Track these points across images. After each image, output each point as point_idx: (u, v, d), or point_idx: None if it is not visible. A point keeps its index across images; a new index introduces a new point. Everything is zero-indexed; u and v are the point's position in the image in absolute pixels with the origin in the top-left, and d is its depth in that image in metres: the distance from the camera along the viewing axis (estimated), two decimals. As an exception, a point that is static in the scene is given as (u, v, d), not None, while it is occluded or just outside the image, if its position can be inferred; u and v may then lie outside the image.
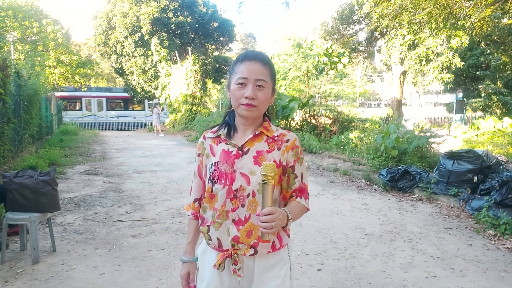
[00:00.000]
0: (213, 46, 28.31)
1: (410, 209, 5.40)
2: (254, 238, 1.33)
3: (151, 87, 25.30)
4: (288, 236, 1.45)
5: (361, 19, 22.96)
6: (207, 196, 1.40)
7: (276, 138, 1.41)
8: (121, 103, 29.62)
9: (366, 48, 25.10)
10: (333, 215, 5.07)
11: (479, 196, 5.15)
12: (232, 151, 1.37)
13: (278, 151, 1.38)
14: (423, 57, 16.52)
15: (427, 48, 14.63)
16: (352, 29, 24.62)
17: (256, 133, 1.39)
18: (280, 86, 14.80)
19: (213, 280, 1.39)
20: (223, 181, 1.34)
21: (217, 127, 1.46)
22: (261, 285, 1.37)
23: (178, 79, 20.05)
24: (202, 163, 1.46)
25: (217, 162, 1.37)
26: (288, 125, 13.57)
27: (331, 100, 15.38)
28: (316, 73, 14.58)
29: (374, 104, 50.41)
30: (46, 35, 24.29)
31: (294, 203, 1.41)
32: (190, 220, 1.53)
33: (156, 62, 23.25)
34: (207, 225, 1.41)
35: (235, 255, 1.33)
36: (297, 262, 3.51)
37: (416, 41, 14.06)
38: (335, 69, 16.78)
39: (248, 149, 1.37)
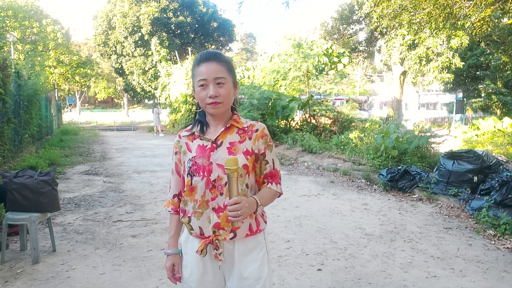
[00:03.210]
0: (213, 46, 28.33)
1: (410, 209, 5.40)
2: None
3: (151, 87, 25.30)
4: (265, 222, 1.55)
5: (361, 19, 22.97)
6: (187, 189, 1.49)
7: (246, 128, 1.51)
8: None
9: (366, 48, 25.11)
10: (333, 215, 5.07)
11: (479, 196, 5.15)
12: (207, 145, 1.47)
13: (250, 141, 1.48)
14: (423, 57, 16.53)
15: (427, 48, 14.64)
16: (352, 29, 24.64)
17: (227, 126, 1.49)
18: (280, 86, 14.79)
19: (196, 266, 1.50)
20: (201, 173, 1.44)
21: (190, 126, 1.57)
22: (242, 268, 1.47)
23: (178, 79, 20.02)
24: (180, 160, 1.56)
25: (194, 156, 1.47)
26: (288, 125, 13.57)
27: (331, 101, 15.39)
28: (316, 73, 14.58)
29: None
30: (46, 35, 24.30)
31: (265, 189, 1.51)
32: (171, 216, 1.62)
33: (156, 62, 23.24)
34: (188, 216, 1.49)
35: (216, 241, 1.43)
36: (297, 262, 3.51)
37: (416, 41, 14.06)
38: (335, 69, 16.79)
39: (222, 142, 1.47)
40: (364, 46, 24.84)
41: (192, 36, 27.06)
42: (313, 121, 13.51)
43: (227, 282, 1.51)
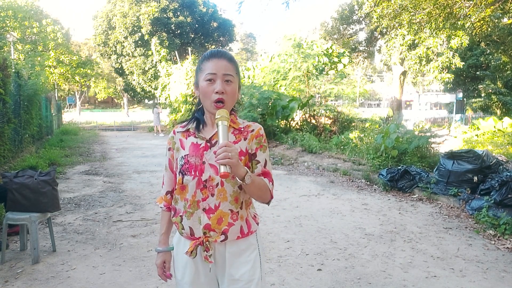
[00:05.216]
0: (213, 46, 28.34)
1: (410, 209, 5.40)
2: (224, 225, 1.40)
3: (151, 87, 25.30)
4: (257, 223, 1.53)
5: (361, 19, 22.96)
6: (178, 187, 1.46)
7: (242, 129, 1.48)
8: None
9: (366, 48, 25.09)
10: (333, 215, 5.07)
11: (479, 196, 5.15)
12: (200, 144, 1.44)
13: (245, 141, 1.46)
14: (423, 57, 16.52)
15: (427, 48, 14.61)
16: (352, 29, 24.62)
17: None
18: (280, 86, 14.78)
19: (188, 268, 1.47)
20: (193, 173, 1.41)
21: (186, 122, 1.54)
22: (233, 270, 1.44)
23: (178, 79, 20.02)
24: (173, 156, 1.53)
25: (187, 154, 1.44)
26: (288, 125, 13.57)
27: (331, 100, 15.36)
28: (316, 73, 14.56)
29: (374, 104, 50.44)
30: (46, 35, 24.29)
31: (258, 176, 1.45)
32: (163, 212, 1.61)
33: (156, 62, 23.24)
34: (179, 215, 1.46)
35: (207, 242, 1.40)
36: (297, 262, 3.51)
37: (416, 41, 14.06)
38: (335, 69, 16.78)
39: (216, 141, 1.41)
40: (364, 46, 24.83)
41: (192, 36, 27.06)
42: (313, 121, 13.50)
43: (220, 285, 1.48)
